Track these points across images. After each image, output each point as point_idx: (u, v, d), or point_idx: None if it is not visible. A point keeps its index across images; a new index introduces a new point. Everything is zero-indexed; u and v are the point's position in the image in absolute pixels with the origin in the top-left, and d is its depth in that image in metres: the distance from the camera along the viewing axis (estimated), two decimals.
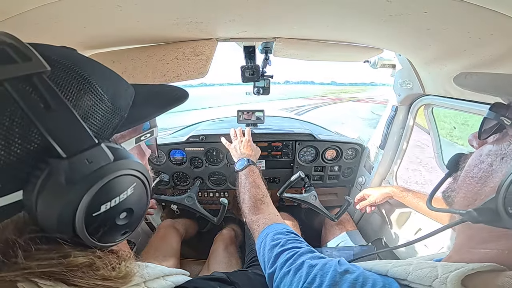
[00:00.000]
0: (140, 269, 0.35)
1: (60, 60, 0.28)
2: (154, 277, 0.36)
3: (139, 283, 0.33)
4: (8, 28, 0.52)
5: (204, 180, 1.48)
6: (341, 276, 0.41)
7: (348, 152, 1.46)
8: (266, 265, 0.55)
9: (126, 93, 0.35)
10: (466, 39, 0.56)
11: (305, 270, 0.45)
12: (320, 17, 0.62)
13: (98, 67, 0.33)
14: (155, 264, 0.39)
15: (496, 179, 0.32)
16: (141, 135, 0.38)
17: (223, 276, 0.48)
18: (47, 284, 0.25)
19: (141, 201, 0.32)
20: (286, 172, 1.49)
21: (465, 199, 0.37)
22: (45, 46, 0.29)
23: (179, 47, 0.82)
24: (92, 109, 0.29)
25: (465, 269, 0.31)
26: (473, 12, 0.45)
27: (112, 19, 0.59)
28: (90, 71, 0.30)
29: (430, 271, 0.34)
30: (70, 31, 0.64)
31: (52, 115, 0.24)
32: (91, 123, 0.28)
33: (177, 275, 0.41)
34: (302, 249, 0.53)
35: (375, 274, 0.40)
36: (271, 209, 0.79)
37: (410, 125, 1.17)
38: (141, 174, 0.31)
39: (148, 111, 0.37)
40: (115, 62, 0.82)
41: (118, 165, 0.27)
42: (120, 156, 0.28)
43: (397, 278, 0.38)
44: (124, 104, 0.33)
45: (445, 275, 0.32)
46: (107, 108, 0.30)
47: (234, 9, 0.58)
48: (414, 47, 0.76)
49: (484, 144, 0.39)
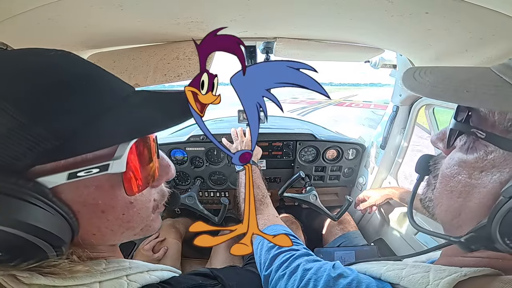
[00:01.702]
0: (121, 263, 0.35)
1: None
2: (137, 271, 0.35)
3: (120, 276, 0.33)
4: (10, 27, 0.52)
5: (205, 180, 1.48)
6: (334, 281, 0.40)
7: (349, 152, 1.46)
8: (262, 266, 0.54)
9: (74, 107, 0.26)
10: (467, 39, 0.56)
11: (299, 274, 0.45)
12: (321, 17, 0.62)
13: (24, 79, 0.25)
14: (141, 261, 0.38)
15: (480, 195, 0.31)
16: (82, 169, 0.26)
17: (207, 271, 0.47)
18: (24, 276, 0.26)
19: (15, 246, 0.25)
20: (286, 172, 1.49)
21: (448, 213, 0.36)
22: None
23: (180, 47, 0.82)
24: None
25: (457, 275, 0.30)
26: (475, 13, 0.45)
27: (113, 18, 0.59)
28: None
29: (422, 276, 0.33)
30: (71, 30, 0.64)
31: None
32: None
33: (163, 271, 0.41)
34: (299, 251, 0.52)
35: (369, 278, 0.40)
36: (270, 210, 0.79)
37: (411, 125, 1.17)
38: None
39: (107, 134, 0.27)
40: (116, 62, 0.82)
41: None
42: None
43: (390, 282, 0.37)
44: (63, 125, 0.25)
45: (436, 282, 0.31)
46: (17, 135, 0.23)
47: (235, 9, 0.58)
48: (415, 47, 0.76)
49: (453, 149, 0.37)
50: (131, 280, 0.33)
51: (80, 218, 0.29)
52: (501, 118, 0.29)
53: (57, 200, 0.26)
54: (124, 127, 0.29)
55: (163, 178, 0.38)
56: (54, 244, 0.26)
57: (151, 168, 0.34)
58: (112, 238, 0.34)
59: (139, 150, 0.31)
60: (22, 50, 0.29)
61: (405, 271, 0.36)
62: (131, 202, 0.32)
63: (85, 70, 0.30)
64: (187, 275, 0.45)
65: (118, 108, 0.29)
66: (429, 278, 0.32)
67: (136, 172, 0.31)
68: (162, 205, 0.41)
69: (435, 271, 0.32)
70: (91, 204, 0.29)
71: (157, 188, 0.39)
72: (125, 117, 0.29)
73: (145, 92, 0.33)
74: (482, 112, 0.31)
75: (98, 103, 0.28)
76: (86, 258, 0.31)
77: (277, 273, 0.49)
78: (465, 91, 0.29)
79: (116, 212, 0.32)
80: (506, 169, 0.28)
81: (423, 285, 0.32)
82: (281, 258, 0.51)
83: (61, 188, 0.26)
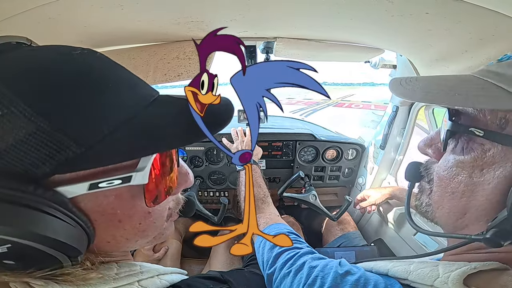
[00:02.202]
0: (133, 268, 0.34)
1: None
2: (148, 276, 0.35)
3: (132, 282, 0.32)
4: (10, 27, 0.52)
5: (204, 180, 1.48)
6: (342, 278, 0.40)
7: (349, 152, 1.46)
8: (265, 265, 0.54)
9: (97, 120, 0.24)
10: (467, 40, 0.56)
11: (305, 271, 0.45)
12: (322, 17, 0.62)
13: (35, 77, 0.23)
14: (150, 264, 0.38)
15: (485, 192, 0.31)
16: (103, 180, 0.25)
17: (217, 274, 0.47)
18: (38, 284, 0.24)
19: (30, 255, 0.24)
20: (286, 172, 1.49)
21: (452, 214, 0.36)
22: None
23: (180, 46, 0.82)
24: (19, 144, 0.21)
25: (467, 268, 0.30)
26: (475, 13, 0.45)
27: (113, 18, 0.59)
28: (6, 85, 0.22)
29: (431, 270, 0.33)
30: (70, 30, 0.64)
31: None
32: (21, 160, 0.22)
33: (173, 274, 0.40)
34: (303, 249, 0.52)
35: (376, 275, 0.40)
36: (272, 209, 0.79)
37: (411, 125, 1.17)
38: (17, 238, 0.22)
39: (133, 145, 0.26)
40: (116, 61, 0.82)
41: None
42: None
43: (398, 278, 0.37)
44: (89, 133, 0.24)
45: (446, 274, 0.31)
46: (41, 139, 0.22)
47: (235, 8, 0.58)
48: (416, 48, 0.76)
49: (444, 153, 0.37)
50: (142, 285, 0.33)
51: (96, 227, 0.28)
52: (493, 116, 0.31)
53: (76, 210, 0.25)
54: (151, 138, 0.27)
55: (181, 186, 0.37)
56: (70, 255, 0.25)
57: (171, 178, 0.33)
58: (126, 246, 0.34)
59: (162, 160, 0.30)
60: (46, 47, 0.27)
61: (413, 266, 0.36)
62: (149, 212, 0.32)
63: (112, 71, 0.29)
64: (197, 278, 0.45)
65: (145, 115, 0.27)
66: (438, 272, 0.32)
67: (158, 183, 0.30)
68: (176, 213, 0.40)
69: (444, 265, 0.33)
70: (110, 213, 0.28)
71: (173, 196, 0.38)
72: (152, 127, 0.27)
73: (171, 98, 0.31)
74: (473, 113, 0.33)
75: (125, 109, 0.26)
76: (98, 263, 0.30)
77: (281, 271, 0.48)
78: (456, 94, 0.31)
79: (133, 222, 0.31)
80: (508, 163, 0.29)
81: (432, 278, 0.32)
82: (285, 256, 0.51)
83: (80, 198, 0.25)
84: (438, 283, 0.32)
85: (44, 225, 0.22)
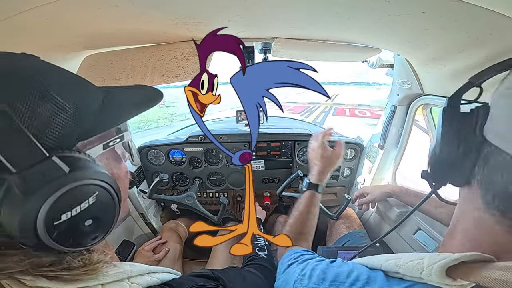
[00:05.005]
0: (122, 266, 0.36)
1: (19, 70, 0.28)
2: (138, 274, 0.37)
3: (122, 278, 0.34)
4: (7, 28, 0.52)
5: (203, 181, 1.48)
6: (329, 264, 0.47)
7: (347, 152, 1.46)
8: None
9: (93, 98, 0.34)
10: (464, 39, 0.56)
11: (303, 266, 0.48)
12: (319, 17, 0.62)
13: (58, 74, 0.32)
14: (141, 264, 0.40)
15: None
16: (108, 140, 0.36)
17: (208, 272, 0.48)
18: (27, 278, 0.27)
19: (106, 208, 0.32)
20: (285, 172, 1.49)
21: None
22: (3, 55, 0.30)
23: (178, 47, 0.82)
24: (50, 120, 0.28)
25: (448, 260, 0.31)
26: (472, 12, 0.45)
27: (110, 19, 0.59)
28: (47, 80, 0.29)
29: (417, 263, 0.35)
30: (68, 31, 0.64)
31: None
32: (49, 134, 0.28)
33: (164, 273, 0.42)
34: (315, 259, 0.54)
35: (363, 267, 0.43)
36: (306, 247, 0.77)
37: (409, 124, 1.18)
38: (104, 183, 0.31)
39: (117, 115, 0.36)
40: (114, 63, 0.82)
41: (74, 176, 0.28)
42: (77, 166, 0.28)
43: (391, 272, 0.39)
44: (89, 111, 0.32)
45: (430, 267, 0.33)
46: (67, 116, 0.29)
47: (233, 9, 0.58)
48: (413, 47, 0.76)
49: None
50: (133, 282, 0.35)
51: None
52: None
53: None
54: (122, 110, 0.37)
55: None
56: (119, 198, 0.33)
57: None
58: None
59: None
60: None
61: (403, 259, 0.38)
62: (126, 171, 0.41)
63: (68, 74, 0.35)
64: (188, 276, 0.46)
65: (113, 96, 0.37)
66: (423, 264, 0.34)
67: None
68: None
69: (429, 258, 0.34)
70: (110, 173, 0.34)
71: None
72: (122, 102, 0.38)
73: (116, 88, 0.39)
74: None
75: (96, 90, 0.36)
76: (88, 262, 0.32)
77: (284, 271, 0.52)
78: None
79: (122, 184, 0.39)
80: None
81: (419, 271, 0.34)
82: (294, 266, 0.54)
83: (97, 159, 0.34)
84: (424, 275, 0.33)
85: (101, 173, 0.31)
